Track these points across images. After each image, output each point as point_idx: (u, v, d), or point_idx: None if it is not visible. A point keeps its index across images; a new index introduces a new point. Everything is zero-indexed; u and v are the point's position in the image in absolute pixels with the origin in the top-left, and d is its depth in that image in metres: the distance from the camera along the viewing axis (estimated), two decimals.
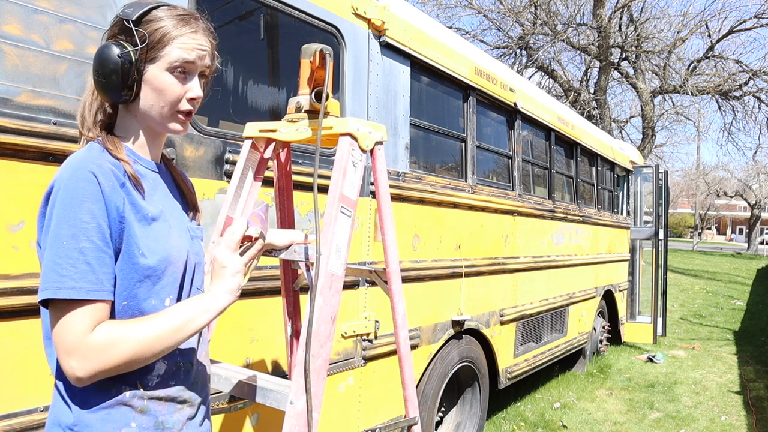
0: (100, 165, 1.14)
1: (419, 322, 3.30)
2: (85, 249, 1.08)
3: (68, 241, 1.07)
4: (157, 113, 1.23)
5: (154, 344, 1.12)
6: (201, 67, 1.26)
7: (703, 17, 16.68)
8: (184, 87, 1.23)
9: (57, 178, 1.13)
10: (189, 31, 1.22)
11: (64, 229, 1.08)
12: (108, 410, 1.14)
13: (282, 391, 1.44)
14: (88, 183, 1.11)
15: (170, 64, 1.21)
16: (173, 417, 1.22)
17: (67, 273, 1.07)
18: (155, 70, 1.21)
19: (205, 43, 1.25)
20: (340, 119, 1.60)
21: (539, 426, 4.75)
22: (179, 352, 1.25)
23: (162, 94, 1.22)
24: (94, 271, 1.09)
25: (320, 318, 1.42)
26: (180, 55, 1.21)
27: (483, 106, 4.03)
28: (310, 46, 1.58)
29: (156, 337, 1.12)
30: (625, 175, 7.80)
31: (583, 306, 6.11)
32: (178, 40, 1.21)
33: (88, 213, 1.09)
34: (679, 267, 22.45)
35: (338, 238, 1.48)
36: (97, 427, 1.13)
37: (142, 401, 1.17)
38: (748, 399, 5.76)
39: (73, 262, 1.07)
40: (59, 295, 1.06)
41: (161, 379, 1.21)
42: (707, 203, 47.21)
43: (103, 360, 1.08)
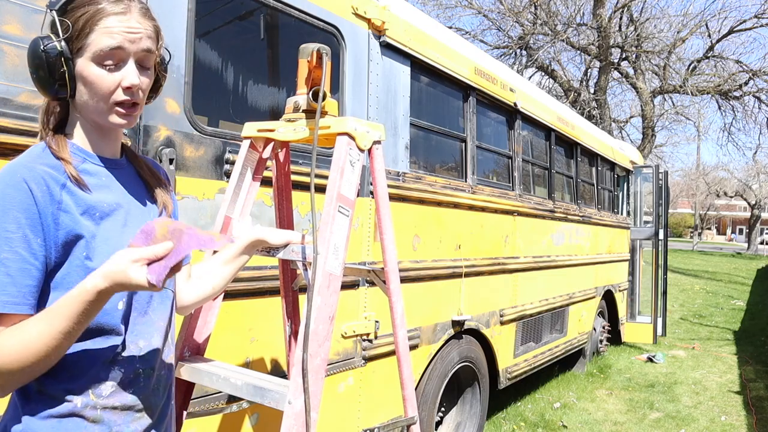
0: (32, 169, 1.07)
1: (419, 322, 3.30)
2: (7, 260, 1.02)
3: None
4: (93, 108, 1.14)
5: (36, 345, 1.01)
6: (136, 52, 1.13)
7: (703, 17, 16.69)
8: (117, 76, 1.12)
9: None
10: (114, 13, 1.10)
11: None
12: (59, 419, 1.09)
13: (280, 390, 1.44)
14: (16, 191, 1.04)
15: (96, 54, 1.10)
16: (130, 427, 1.17)
17: None
18: (83, 61, 1.11)
19: (136, 25, 1.12)
20: (337, 119, 1.60)
21: (539, 426, 4.75)
22: (138, 358, 1.19)
23: (92, 87, 1.12)
24: (15, 284, 1.02)
25: (318, 318, 1.42)
26: (105, 43, 1.10)
27: (483, 106, 4.03)
28: (307, 46, 1.58)
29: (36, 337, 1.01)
30: (625, 175, 7.80)
31: (583, 306, 6.11)
32: (101, 24, 1.09)
33: (14, 222, 1.03)
34: (679, 267, 22.45)
35: (336, 238, 1.48)
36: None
37: (95, 411, 1.11)
38: (748, 399, 5.76)
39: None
40: None
41: (116, 389, 1.15)
42: (707, 203, 47.21)
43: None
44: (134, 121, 1.18)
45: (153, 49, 1.16)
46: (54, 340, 1.01)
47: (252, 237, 1.50)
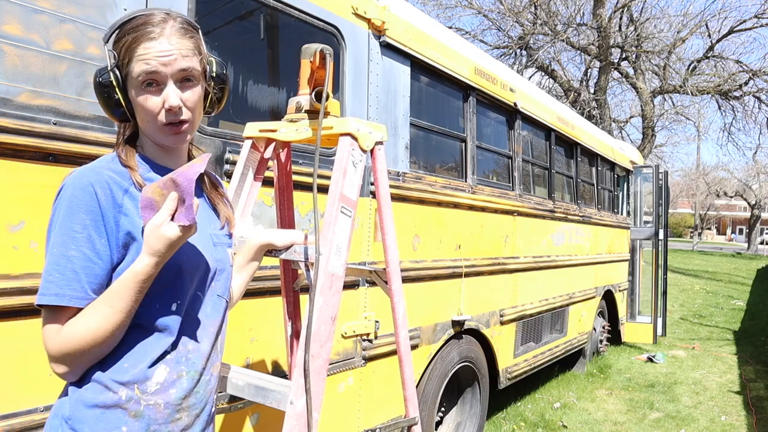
0: (99, 173, 1.16)
1: (419, 322, 3.30)
2: (74, 257, 1.11)
3: (58, 249, 1.11)
4: (146, 129, 1.23)
5: (97, 323, 1.11)
6: (173, 74, 1.18)
7: (703, 17, 16.69)
8: (160, 99, 1.18)
9: (62, 184, 1.17)
10: (144, 40, 1.17)
11: (57, 237, 1.12)
12: (103, 410, 1.15)
13: (282, 391, 1.44)
14: (83, 193, 1.13)
15: (136, 80, 1.18)
16: (167, 427, 1.20)
17: (53, 279, 1.10)
18: (131, 88, 1.20)
19: (168, 47, 1.17)
20: (340, 119, 1.60)
21: (539, 426, 4.75)
22: (185, 360, 1.24)
23: (141, 111, 1.20)
24: (78, 280, 1.11)
25: (320, 318, 1.42)
26: (141, 69, 1.16)
27: (483, 106, 4.03)
28: (310, 46, 1.58)
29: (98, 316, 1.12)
30: (625, 175, 7.80)
31: (583, 306, 6.11)
32: (136, 52, 1.17)
33: (79, 223, 1.12)
34: (679, 267, 22.45)
35: (338, 238, 1.48)
36: (89, 424, 1.14)
37: (138, 406, 1.17)
38: (748, 399, 5.76)
39: (61, 269, 1.10)
40: (43, 301, 1.10)
41: (160, 387, 1.19)
42: (707, 203, 47.22)
43: (72, 358, 1.12)
44: (185, 138, 1.25)
45: (190, 66, 1.20)
46: (116, 318, 1.12)
47: (259, 242, 1.53)
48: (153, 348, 1.19)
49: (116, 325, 1.13)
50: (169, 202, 1.13)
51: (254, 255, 1.54)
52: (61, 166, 1.70)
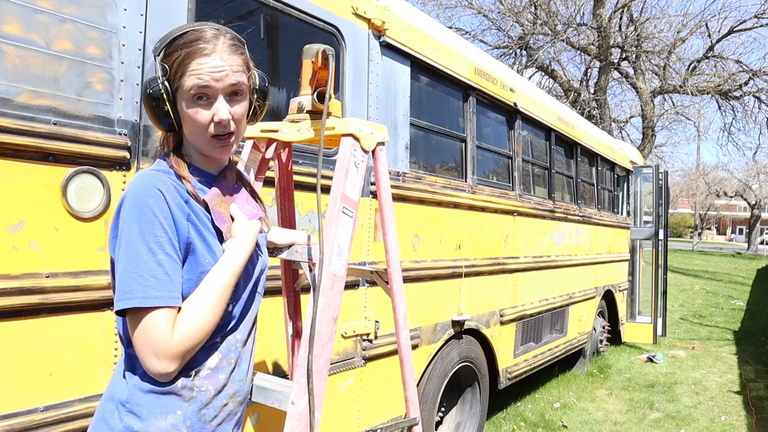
0: (165, 182, 1.22)
1: (419, 322, 3.30)
2: (163, 261, 1.17)
3: (147, 255, 1.16)
4: (194, 141, 1.29)
5: (211, 316, 1.21)
6: (224, 89, 1.24)
7: (703, 17, 16.70)
8: (210, 112, 1.24)
9: (126, 193, 1.21)
10: (200, 56, 1.22)
11: (140, 244, 1.16)
12: (159, 395, 1.20)
13: (283, 391, 1.44)
14: (156, 200, 1.18)
15: (188, 94, 1.23)
16: (215, 410, 1.27)
17: (150, 284, 1.15)
18: (181, 100, 1.25)
19: (221, 63, 1.23)
20: (342, 120, 1.60)
21: (539, 426, 4.75)
22: (233, 348, 1.31)
23: (190, 123, 1.26)
24: (172, 281, 1.18)
25: (322, 318, 1.41)
26: (193, 83, 1.22)
27: (483, 106, 4.03)
28: (312, 47, 1.58)
29: (212, 309, 1.21)
30: (625, 175, 7.80)
31: (583, 306, 6.11)
32: (190, 67, 1.22)
33: (160, 228, 1.17)
34: (679, 267, 22.45)
35: (340, 239, 1.47)
36: (147, 407, 1.19)
37: (192, 392, 1.23)
38: (748, 399, 5.76)
39: (154, 273, 1.16)
40: (144, 303, 1.14)
41: (212, 372, 1.26)
42: (707, 203, 47.23)
43: (186, 354, 1.18)
44: (231, 149, 1.33)
45: (240, 81, 1.27)
46: (222, 309, 1.23)
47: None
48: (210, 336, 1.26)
49: (219, 315, 1.23)
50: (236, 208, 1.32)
51: None
52: (61, 166, 1.69)
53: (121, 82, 1.85)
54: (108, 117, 1.82)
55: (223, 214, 1.30)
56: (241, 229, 1.30)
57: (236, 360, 1.32)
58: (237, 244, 1.28)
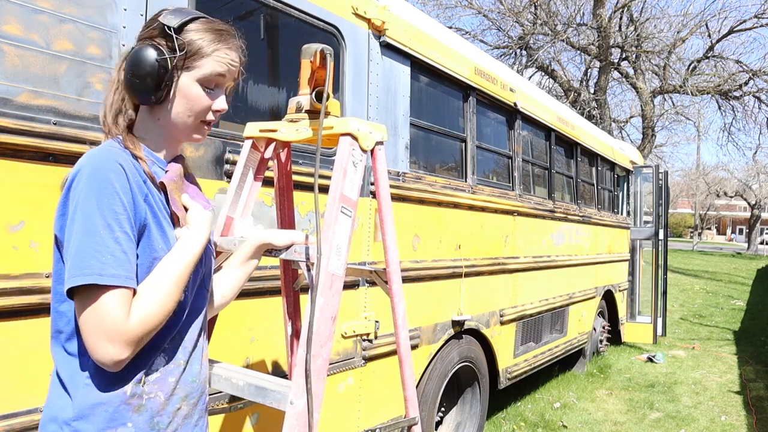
0: (125, 159, 1.18)
1: (419, 322, 3.30)
2: (120, 239, 1.12)
3: (105, 231, 1.10)
4: (182, 121, 1.27)
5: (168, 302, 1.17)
6: (229, 82, 1.31)
7: (703, 17, 16.69)
8: (211, 99, 1.28)
9: (81, 168, 1.14)
10: (225, 47, 1.27)
11: (98, 219, 1.10)
12: (107, 408, 1.14)
13: (282, 391, 1.44)
14: (117, 175, 1.13)
15: (203, 76, 1.25)
16: (168, 417, 1.23)
17: (107, 261, 1.09)
18: (187, 79, 1.24)
19: (236, 60, 1.30)
20: (340, 119, 1.60)
21: (539, 426, 4.75)
22: (182, 349, 1.27)
23: (191, 103, 1.26)
24: (129, 261, 1.13)
25: (321, 318, 1.42)
26: (214, 69, 1.25)
27: (483, 106, 4.03)
28: (310, 46, 1.58)
29: (168, 295, 1.17)
30: (625, 175, 7.80)
31: (583, 306, 6.11)
32: (215, 54, 1.25)
33: (120, 204, 1.12)
34: (679, 267, 22.45)
35: (339, 239, 1.48)
36: (94, 423, 1.13)
37: (141, 399, 1.18)
38: (748, 399, 5.76)
39: (112, 251, 1.10)
40: (102, 281, 1.08)
41: (161, 375, 1.22)
42: (707, 203, 47.22)
43: (140, 341, 1.13)
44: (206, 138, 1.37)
45: (236, 81, 1.34)
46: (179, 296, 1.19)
47: (258, 241, 1.52)
48: (158, 339, 1.21)
49: (177, 303, 1.19)
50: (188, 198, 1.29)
51: (253, 253, 1.53)
52: (61, 166, 1.70)
53: None
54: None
55: (177, 201, 1.27)
56: (197, 218, 1.27)
57: (186, 361, 1.28)
58: (193, 233, 1.24)
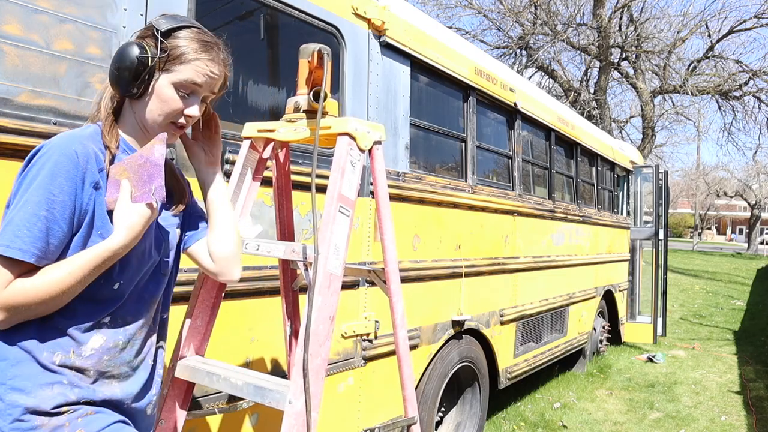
0: (85, 146, 1.24)
1: (419, 322, 3.30)
2: (45, 218, 1.17)
3: (32, 207, 1.16)
4: (152, 118, 1.33)
5: (51, 288, 1.18)
6: (206, 92, 1.36)
7: (703, 17, 16.69)
8: (184, 104, 1.33)
9: (44, 145, 1.23)
10: (206, 58, 1.33)
11: (33, 196, 1.17)
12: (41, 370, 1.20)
13: (281, 390, 1.44)
14: (68, 160, 1.20)
15: (179, 81, 1.31)
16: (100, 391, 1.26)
17: (21, 235, 1.15)
18: (164, 80, 1.31)
19: (217, 72, 1.35)
20: (338, 119, 1.60)
21: (539, 426, 4.75)
22: (123, 330, 1.31)
23: (163, 103, 1.32)
24: (44, 240, 1.17)
25: (319, 318, 1.42)
26: (190, 76, 1.31)
27: (483, 106, 4.03)
28: (308, 46, 1.58)
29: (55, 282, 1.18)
30: (625, 175, 7.80)
31: (583, 306, 6.11)
32: (194, 63, 1.31)
33: (58, 187, 1.18)
34: (679, 267, 22.44)
35: (336, 238, 1.48)
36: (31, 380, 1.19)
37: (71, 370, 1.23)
38: (748, 399, 5.76)
39: (30, 227, 1.16)
40: (6, 253, 1.14)
41: (95, 352, 1.26)
42: (707, 203, 47.20)
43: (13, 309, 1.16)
44: (176, 140, 1.42)
45: (216, 92, 1.40)
46: (70, 285, 1.19)
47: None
48: (90, 316, 1.26)
49: (68, 292, 1.20)
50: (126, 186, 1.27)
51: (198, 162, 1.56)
52: None
53: None
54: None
55: (120, 183, 1.27)
56: (120, 215, 1.25)
57: (125, 342, 1.31)
58: (111, 239, 1.24)
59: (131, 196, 1.27)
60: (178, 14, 1.35)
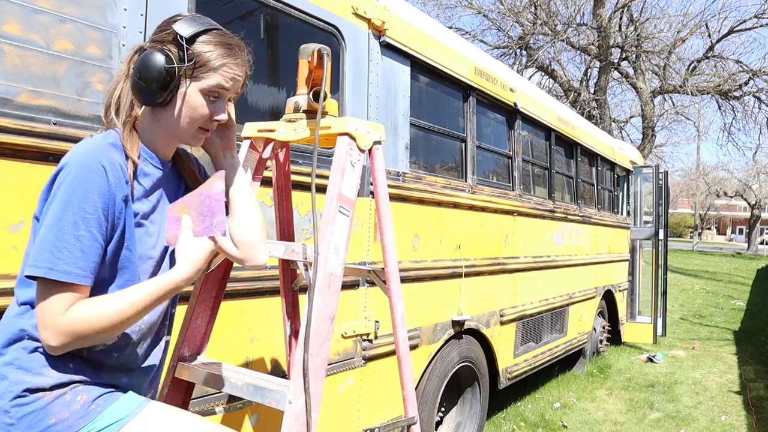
0: (112, 160, 1.23)
1: (419, 322, 3.30)
2: (83, 237, 1.17)
3: (69, 228, 1.16)
4: (181, 126, 1.33)
5: (112, 319, 1.19)
6: (232, 94, 1.36)
7: (703, 17, 16.69)
8: (212, 109, 1.33)
9: (69, 161, 1.20)
10: (233, 62, 1.32)
11: (67, 215, 1.16)
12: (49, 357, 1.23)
13: (281, 390, 1.44)
14: (97, 176, 1.19)
15: (207, 88, 1.30)
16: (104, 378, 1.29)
17: (62, 257, 1.15)
18: (192, 88, 1.30)
19: (241, 74, 1.34)
20: (338, 119, 1.60)
21: (539, 426, 4.75)
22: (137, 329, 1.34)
23: (192, 111, 1.31)
24: (86, 258, 1.18)
25: (319, 318, 1.42)
26: (218, 82, 1.30)
27: (483, 106, 4.03)
28: (308, 46, 1.59)
29: (117, 312, 1.20)
30: (625, 175, 7.80)
31: (583, 306, 6.11)
32: (221, 69, 1.30)
33: (92, 204, 1.18)
34: (679, 267, 22.44)
35: (336, 238, 1.48)
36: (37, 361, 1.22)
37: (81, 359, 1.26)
38: (748, 399, 5.76)
39: (70, 248, 1.16)
40: (50, 275, 1.15)
41: (106, 348, 1.29)
42: (707, 203, 47.20)
43: (73, 336, 1.17)
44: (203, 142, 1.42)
45: (239, 92, 1.39)
46: (130, 314, 1.21)
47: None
48: None
49: (127, 322, 1.22)
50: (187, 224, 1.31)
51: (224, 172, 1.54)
52: None
53: None
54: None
55: (180, 219, 1.31)
56: (183, 250, 1.28)
57: (138, 340, 1.35)
58: (175, 272, 1.27)
59: (193, 231, 1.29)
60: (195, 14, 1.33)
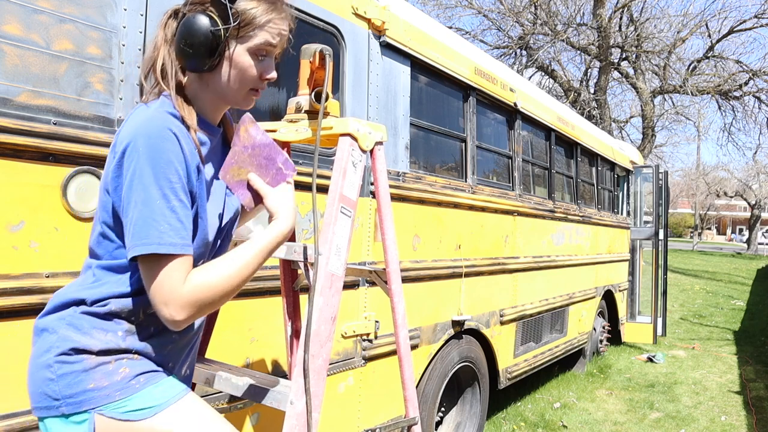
0: (180, 127, 1.20)
1: (419, 322, 3.30)
2: (176, 207, 1.15)
3: (161, 201, 1.13)
4: (231, 89, 1.28)
5: (230, 279, 1.20)
6: (279, 50, 1.31)
7: (703, 17, 16.69)
8: (261, 68, 1.28)
9: (136, 134, 1.15)
10: (278, 17, 1.27)
11: (154, 189, 1.13)
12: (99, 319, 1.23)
13: (282, 391, 1.44)
14: (172, 144, 1.16)
15: (255, 46, 1.25)
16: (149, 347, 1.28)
17: (164, 230, 1.13)
18: (240, 49, 1.25)
19: (287, 29, 1.30)
20: (340, 119, 1.60)
21: (539, 426, 4.75)
22: None
23: (241, 73, 1.26)
24: (185, 228, 1.17)
25: (320, 318, 1.42)
26: (266, 39, 1.26)
27: (483, 106, 4.03)
28: (309, 47, 1.58)
29: (235, 273, 1.20)
30: (625, 175, 7.80)
31: (583, 306, 6.11)
32: (267, 25, 1.25)
33: (175, 173, 1.15)
34: (679, 267, 22.45)
35: (338, 239, 1.48)
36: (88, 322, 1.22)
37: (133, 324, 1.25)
38: (748, 399, 5.76)
39: (169, 220, 1.14)
40: (161, 250, 1.13)
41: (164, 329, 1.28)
42: (707, 203, 47.22)
43: (197, 305, 1.17)
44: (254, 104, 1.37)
45: (285, 47, 1.34)
46: (248, 274, 1.23)
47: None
48: None
49: (245, 281, 1.22)
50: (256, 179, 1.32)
51: None
52: (61, 166, 1.70)
53: (121, 82, 1.85)
54: (108, 117, 1.82)
55: (242, 181, 1.30)
56: (272, 204, 1.30)
57: (197, 329, 1.37)
58: (280, 224, 1.28)
59: (269, 184, 1.29)
60: None
